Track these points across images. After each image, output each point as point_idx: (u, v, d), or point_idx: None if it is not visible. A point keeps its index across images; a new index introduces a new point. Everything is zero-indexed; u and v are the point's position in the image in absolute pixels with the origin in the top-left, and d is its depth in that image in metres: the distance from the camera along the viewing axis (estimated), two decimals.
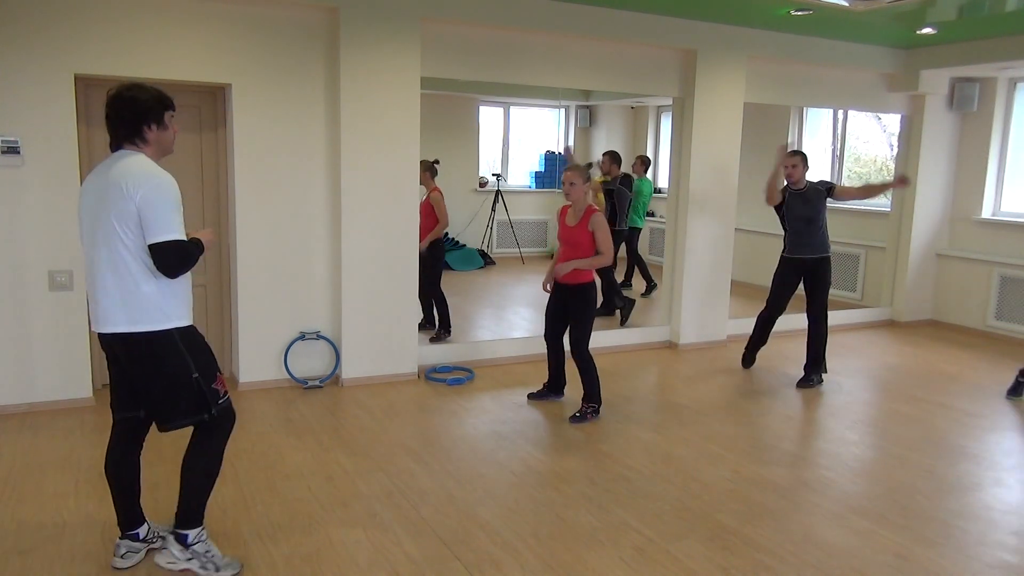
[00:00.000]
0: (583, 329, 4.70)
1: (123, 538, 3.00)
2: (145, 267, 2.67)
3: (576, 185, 4.56)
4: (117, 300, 2.67)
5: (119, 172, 2.65)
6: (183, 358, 2.75)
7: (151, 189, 2.62)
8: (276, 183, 5.06)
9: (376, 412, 4.82)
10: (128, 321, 2.68)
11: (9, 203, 4.45)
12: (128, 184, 2.61)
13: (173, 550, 2.91)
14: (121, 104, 2.70)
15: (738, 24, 6.25)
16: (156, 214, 2.61)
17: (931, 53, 7.02)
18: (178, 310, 2.76)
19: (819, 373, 5.66)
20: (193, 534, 2.90)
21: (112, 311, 2.69)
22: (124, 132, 2.72)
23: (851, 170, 9.18)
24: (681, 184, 6.53)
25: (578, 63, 5.94)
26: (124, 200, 2.60)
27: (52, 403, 4.68)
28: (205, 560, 2.89)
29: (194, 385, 2.77)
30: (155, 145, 2.77)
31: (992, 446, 4.57)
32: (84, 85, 4.72)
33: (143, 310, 2.68)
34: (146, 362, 2.73)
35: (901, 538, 3.38)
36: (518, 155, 11.51)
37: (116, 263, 2.66)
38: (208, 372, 2.82)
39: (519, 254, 10.83)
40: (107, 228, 2.64)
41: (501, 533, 3.32)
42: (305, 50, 5.03)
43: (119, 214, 2.61)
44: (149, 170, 2.67)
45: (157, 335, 2.70)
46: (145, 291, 2.68)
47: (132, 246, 2.65)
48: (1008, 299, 7.32)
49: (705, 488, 3.84)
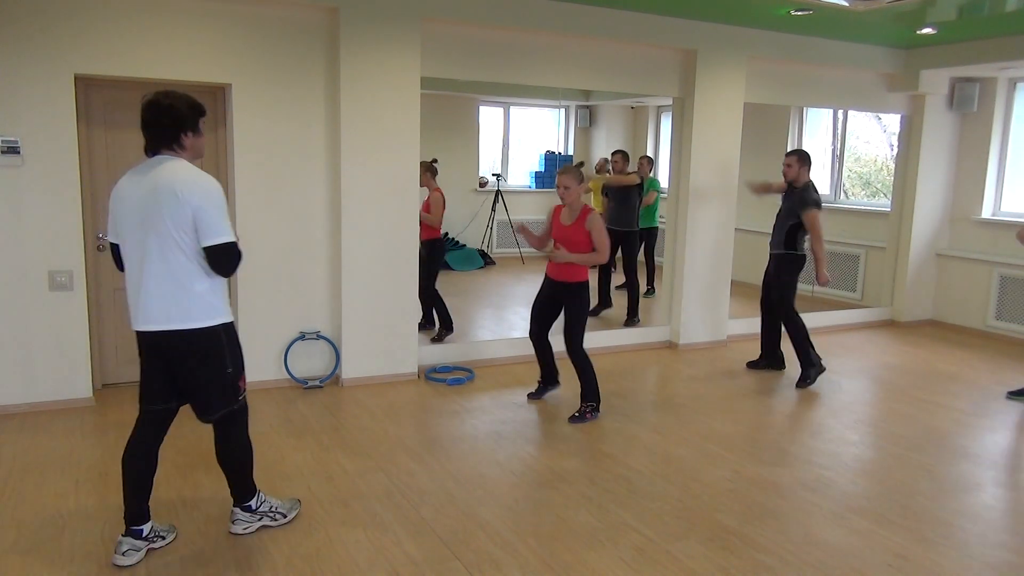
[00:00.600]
0: (578, 328, 4.72)
1: (126, 535, 3.03)
2: (198, 268, 2.85)
3: (571, 189, 4.61)
4: (171, 300, 2.83)
5: (169, 178, 2.78)
6: (223, 353, 2.96)
7: (204, 195, 2.78)
8: (276, 183, 5.06)
9: (376, 412, 4.82)
10: (182, 319, 2.85)
11: (9, 203, 4.46)
12: (182, 190, 2.76)
13: (243, 518, 3.23)
14: (160, 112, 2.83)
15: (738, 24, 6.25)
16: (210, 219, 2.79)
17: (931, 53, 7.02)
18: (224, 306, 2.96)
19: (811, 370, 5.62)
20: (254, 501, 3.24)
21: (165, 310, 2.84)
22: (162, 139, 2.85)
23: (851, 170, 9.18)
24: (681, 184, 6.53)
25: (578, 63, 5.94)
26: (179, 206, 2.75)
27: (52, 403, 4.68)
28: (273, 514, 3.28)
29: (228, 379, 2.99)
30: (191, 150, 2.92)
31: (992, 446, 4.57)
32: (84, 85, 4.72)
33: (195, 308, 2.86)
34: (195, 356, 2.92)
35: (901, 538, 3.38)
36: (518, 155, 11.51)
37: (171, 265, 2.81)
38: (238, 367, 3.04)
39: (519, 254, 10.84)
40: (161, 232, 2.78)
41: (501, 533, 3.32)
42: (305, 50, 5.03)
43: (175, 219, 2.76)
44: (198, 176, 2.83)
45: (207, 331, 2.90)
46: (197, 290, 2.85)
47: (187, 249, 2.81)
48: (1008, 299, 7.32)
49: (705, 488, 3.84)
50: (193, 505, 3.50)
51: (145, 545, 3.05)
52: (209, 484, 3.71)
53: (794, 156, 5.60)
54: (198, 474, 3.82)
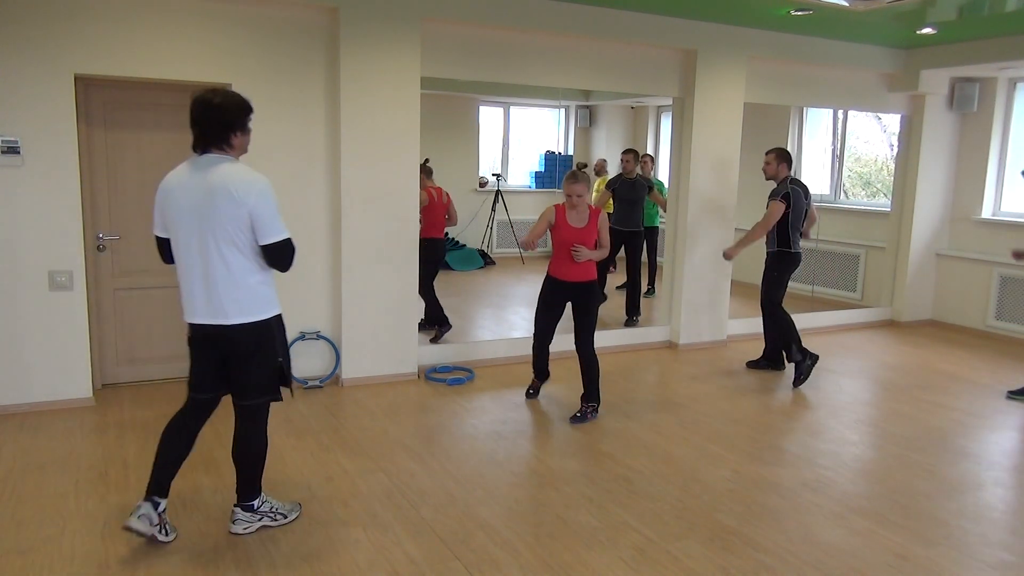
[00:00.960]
0: (592, 326, 4.74)
1: (146, 500, 3.10)
2: (253, 264, 2.97)
3: (584, 197, 4.64)
4: (227, 295, 2.94)
5: (224, 179, 2.89)
6: (275, 344, 3.08)
7: (259, 195, 2.90)
8: (276, 183, 4.93)
9: (376, 412, 4.82)
10: (238, 313, 2.97)
11: (9, 203, 4.45)
12: (237, 191, 2.86)
13: (243, 518, 3.23)
14: (211, 112, 2.93)
15: (738, 24, 6.25)
16: (266, 218, 2.91)
17: (931, 53, 7.02)
18: (275, 298, 3.09)
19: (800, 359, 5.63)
20: (257, 501, 3.26)
21: (222, 305, 2.95)
22: (212, 138, 2.95)
23: (851, 170, 9.18)
24: (681, 184, 6.53)
25: (578, 63, 5.94)
26: (235, 205, 2.86)
27: (52, 403, 4.68)
28: (274, 515, 3.29)
29: (278, 368, 3.10)
30: (238, 149, 3.03)
31: (992, 446, 4.57)
32: (84, 85, 4.72)
33: (251, 302, 2.98)
34: (249, 348, 3.03)
35: (901, 538, 3.38)
36: (518, 155, 11.50)
37: (228, 262, 2.92)
38: (287, 358, 3.15)
39: (519, 254, 10.83)
40: (218, 230, 2.89)
41: (501, 533, 3.32)
42: (305, 50, 5.03)
43: (232, 218, 2.87)
44: (252, 177, 2.93)
45: (261, 324, 3.02)
46: (251, 284, 2.98)
47: (243, 246, 2.93)
48: (1008, 299, 7.32)
49: (705, 488, 3.84)
50: (193, 505, 3.50)
51: (157, 520, 3.09)
52: (209, 484, 3.71)
53: (772, 153, 5.73)
54: (198, 474, 3.82)
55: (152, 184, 5.04)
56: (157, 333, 5.20)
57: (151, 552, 3.08)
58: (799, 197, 5.63)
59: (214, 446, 4.18)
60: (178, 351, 5.28)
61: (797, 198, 5.62)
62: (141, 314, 5.13)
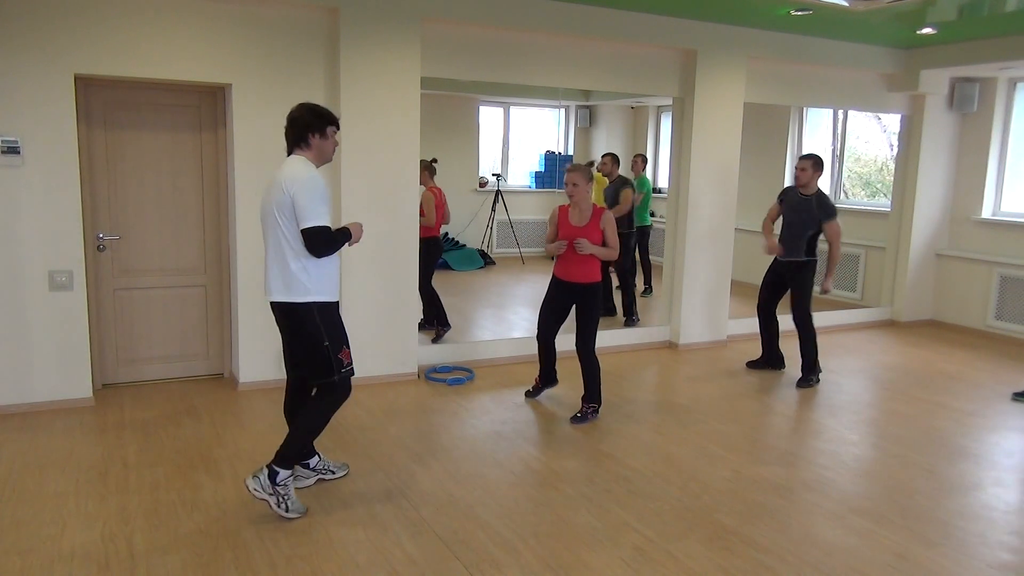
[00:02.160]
0: (593, 329, 4.69)
1: (299, 464, 3.66)
2: (295, 249, 3.28)
3: (579, 186, 4.54)
4: (277, 275, 3.34)
5: (281, 174, 3.30)
6: (317, 328, 3.35)
7: (301, 185, 3.23)
8: None
9: (376, 412, 4.82)
10: (283, 292, 3.34)
11: (9, 203, 4.45)
12: (286, 181, 3.25)
13: (262, 479, 3.35)
14: (295, 116, 3.38)
15: (738, 24, 6.25)
16: (303, 206, 3.22)
17: (931, 53, 7.02)
18: (319, 287, 3.35)
19: (815, 373, 5.67)
20: (283, 475, 3.37)
21: (273, 283, 3.36)
22: (293, 139, 3.39)
23: (851, 170, 9.18)
24: (681, 184, 6.53)
25: (578, 63, 5.93)
26: (282, 195, 3.25)
27: (52, 403, 4.68)
28: (282, 499, 3.37)
29: (325, 352, 3.37)
30: (316, 150, 3.39)
31: (992, 446, 4.57)
32: (84, 85, 4.72)
33: (292, 284, 3.32)
34: (291, 327, 3.41)
35: (901, 538, 3.38)
36: (518, 155, 11.51)
37: (277, 245, 3.32)
38: (336, 343, 3.40)
39: (519, 254, 10.83)
40: (271, 217, 3.31)
41: (501, 533, 3.32)
42: (305, 50, 5.03)
43: (279, 206, 3.26)
44: (302, 170, 3.29)
45: (300, 306, 3.34)
46: (293, 268, 3.30)
47: (287, 232, 3.28)
48: (1008, 299, 7.32)
49: (705, 488, 3.84)
50: (193, 505, 3.50)
51: (314, 475, 3.72)
52: (209, 484, 3.71)
53: (809, 160, 5.52)
54: (198, 474, 3.82)
55: (152, 184, 5.06)
56: (157, 333, 5.19)
57: (151, 552, 3.08)
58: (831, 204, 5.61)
59: (214, 446, 4.18)
60: (178, 351, 5.29)
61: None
62: (141, 314, 5.13)
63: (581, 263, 4.62)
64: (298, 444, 3.43)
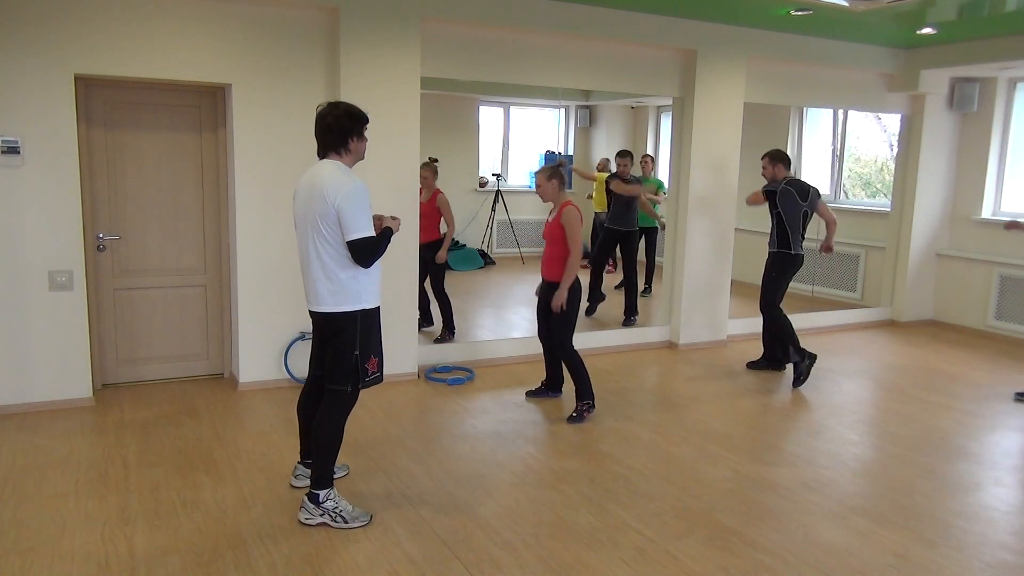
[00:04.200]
0: (564, 324, 4.76)
1: (300, 463, 3.70)
2: (342, 258, 3.23)
3: (542, 186, 4.70)
4: (322, 286, 3.27)
5: (322, 179, 3.20)
6: (353, 337, 3.31)
7: (346, 196, 3.15)
8: (276, 183, 5.06)
9: (376, 412, 4.82)
10: (327, 302, 3.28)
11: (9, 203, 4.45)
12: (329, 191, 3.16)
13: (308, 507, 3.35)
14: (332, 120, 3.26)
15: (738, 24, 6.25)
16: (349, 217, 3.16)
17: (931, 53, 7.02)
18: (366, 294, 3.32)
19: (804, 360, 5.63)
20: (323, 494, 3.34)
21: (318, 294, 3.29)
22: (331, 143, 3.29)
23: (851, 170, 9.18)
24: (681, 184, 6.53)
25: (578, 63, 5.93)
26: (326, 204, 3.16)
27: (52, 403, 4.68)
28: (335, 515, 3.34)
29: (353, 360, 3.32)
30: (354, 153, 3.34)
31: (992, 446, 4.57)
32: (84, 85, 4.72)
33: (339, 294, 3.26)
34: (333, 335, 3.32)
35: (901, 538, 3.38)
36: (518, 155, 11.50)
37: (321, 254, 3.23)
38: (366, 352, 3.36)
39: (519, 254, 10.83)
40: (315, 226, 3.21)
41: (501, 533, 3.32)
42: (305, 50, 5.03)
43: (323, 215, 3.18)
44: (343, 179, 3.20)
45: (346, 315, 3.29)
46: (341, 278, 3.25)
47: (332, 241, 3.21)
48: (1008, 299, 7.32)
49: (705, 488, 3.84)
50: (193, 505, 3.50)
51: None
52: (209, 484, 3.71)
53: (766, 157, 5.80)
54: (198, 474, 3.83)
55: (152, 184, 5.06)
56: (157, 333, 5.19)
57: (151, 552, 3.08)
58: (791, 197, 5.63)
59: (214, 446, 4.18)
60: (178, 351, 5.28)
61: (790, 198, 5.62)
62: (141, 314, 5.13)
63: (549, 261, 4.77)
64: (325, 462, 3.35)
